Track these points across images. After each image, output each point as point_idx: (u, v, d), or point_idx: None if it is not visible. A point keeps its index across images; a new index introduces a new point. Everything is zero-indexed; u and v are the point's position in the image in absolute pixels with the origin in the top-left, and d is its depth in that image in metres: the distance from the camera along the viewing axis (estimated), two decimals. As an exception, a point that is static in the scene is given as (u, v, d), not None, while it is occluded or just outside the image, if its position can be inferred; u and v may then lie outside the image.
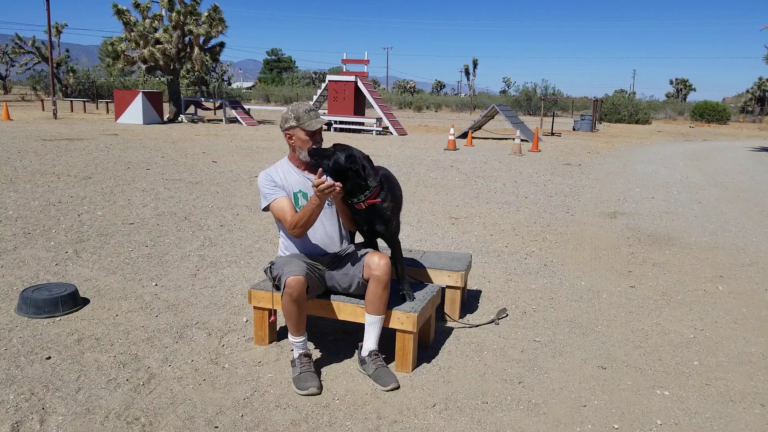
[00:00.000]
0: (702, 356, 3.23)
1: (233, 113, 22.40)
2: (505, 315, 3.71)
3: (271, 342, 3.18)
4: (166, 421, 2.42)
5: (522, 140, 15.70)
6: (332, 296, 3.01)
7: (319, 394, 2.67)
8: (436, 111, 48.78)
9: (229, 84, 50.52)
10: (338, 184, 2.68)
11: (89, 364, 2.87)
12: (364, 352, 2.88)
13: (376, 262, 2.80)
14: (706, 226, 6.63)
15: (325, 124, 2.77)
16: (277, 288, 2.90)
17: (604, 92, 71.94)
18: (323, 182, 2.64)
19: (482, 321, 3.60)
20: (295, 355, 2.85)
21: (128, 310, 3.59)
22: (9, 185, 7.39)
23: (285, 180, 2.95)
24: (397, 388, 2.74)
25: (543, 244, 5.59)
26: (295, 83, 63.45)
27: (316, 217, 2.83)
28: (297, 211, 2.86)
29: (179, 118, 21.83)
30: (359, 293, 2.94)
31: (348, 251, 3.07)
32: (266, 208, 2.95)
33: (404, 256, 3.81)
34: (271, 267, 2.98)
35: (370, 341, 2.88)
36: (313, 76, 67.57)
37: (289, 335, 2.86)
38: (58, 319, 3.40)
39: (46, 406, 2.49)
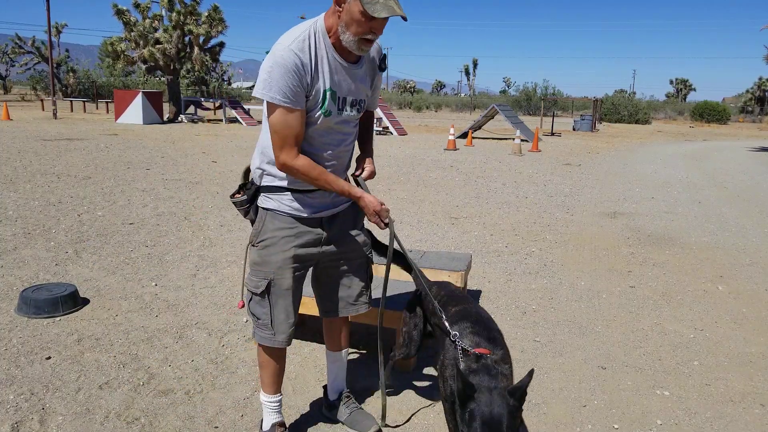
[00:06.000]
0: (702, 356, 3.23)
1: (233, 113, 22.41)
2: None
3: (271, 342, 3.18)
4: (166, 421, 2.42)
5: (522, 140, 15.69)
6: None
7: None
8: (436, 111, 48.78)
9: (229, 84, 50.50)
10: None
11: (89, 364, 2.87)
12: (333, 395, 2.44)
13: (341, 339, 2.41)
14: (706, 226, 6.63)
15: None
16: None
17: (604, 92, 71.98)
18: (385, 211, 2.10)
19: None
20: (266, 425, 2.23)
21: (128, 310, 3.59)
22: (9, 185, 7.38)
23: (317, 68, 1.93)
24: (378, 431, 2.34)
25: (543, 244, 5.59)
26: (295, 83, 63.29)
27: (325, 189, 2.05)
28: (316, 125, 1.98)
29: (179, 118, 21.82)
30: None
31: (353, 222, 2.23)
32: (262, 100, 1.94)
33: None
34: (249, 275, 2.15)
35: (339, 381, 2.46)
36: (313, 75, 67.49)
37: (261, 393, 2.23)
38: (58, 319, 3.40)
39: (46, 406, 2.49)
